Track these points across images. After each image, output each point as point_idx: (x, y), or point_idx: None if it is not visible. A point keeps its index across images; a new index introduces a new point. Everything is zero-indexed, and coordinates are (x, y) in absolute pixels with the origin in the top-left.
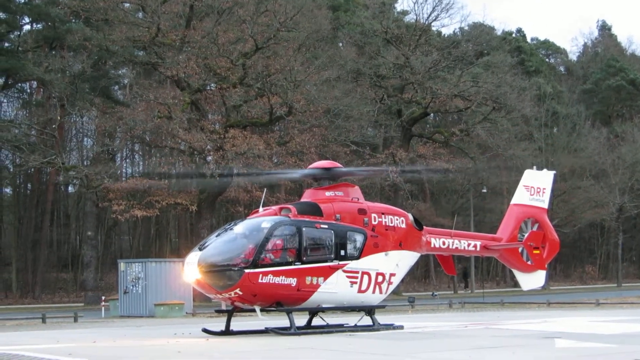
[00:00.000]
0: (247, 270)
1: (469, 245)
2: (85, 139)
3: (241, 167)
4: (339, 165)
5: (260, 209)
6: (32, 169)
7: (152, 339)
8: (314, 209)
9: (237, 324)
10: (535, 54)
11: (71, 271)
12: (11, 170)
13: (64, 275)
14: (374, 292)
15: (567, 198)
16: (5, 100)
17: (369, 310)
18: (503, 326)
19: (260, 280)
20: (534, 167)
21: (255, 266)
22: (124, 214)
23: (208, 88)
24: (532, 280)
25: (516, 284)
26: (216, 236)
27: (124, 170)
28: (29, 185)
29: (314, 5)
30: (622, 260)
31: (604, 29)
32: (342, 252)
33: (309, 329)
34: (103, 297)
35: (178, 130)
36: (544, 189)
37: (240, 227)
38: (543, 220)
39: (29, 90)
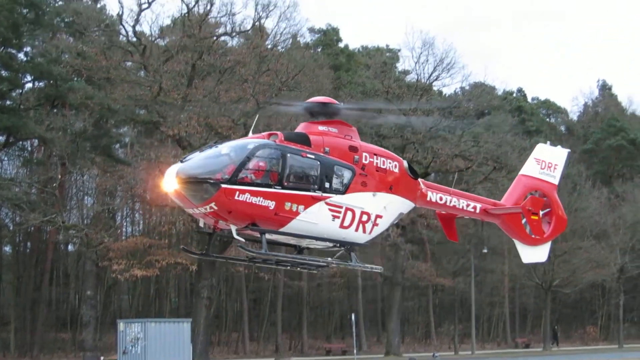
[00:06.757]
0: (223, 186)
1: (467, 205)
2: (86, 197)
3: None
4: (336, 102)
5: (250, 133)
6: (32, 228)
7: None
8: (302, 139)
9: None
10: (536, 113)
11: (70, 331)
12: (11, 228)
13: (63, 335)
14: (357, 230)
15: (568, 258)
16: (6, 159)
17: (349, 247)
18: None
19: (236, 197)
20: (548, 142)
21: (233, 183)
22: (124, 274)
23: None
24: (534, 253)
25: (517, 345)
26: (200, 152)
27: (124, 229)
28: (28, 243)
29: (316, 64)
30: (623, 321)
31: (605, 88)
32: (327, 185)
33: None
34: (102, 358)
35: None
36: (555, 164)
37: (224, 146)
38: (552, 195)
39: (30, 149)
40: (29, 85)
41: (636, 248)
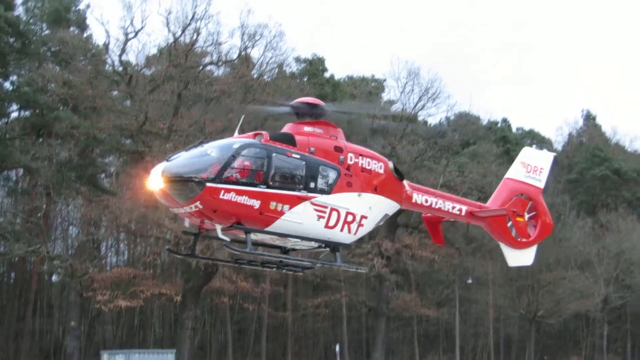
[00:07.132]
0: (208, 184)
1: (453, 208)
2: (71, 227)
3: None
4: (322, 102)
5: (236, 133)
6: (16, 258)
7: None
8: (287, 138)
9: None
10: (521, 143)
11: None
12: None
13: None
14: (342, 230)
15: (552, 288)
16: None
17: (333, 247)
18: None
19: (221, 196)
20: (534, 146)
21: (218, 182)
22: (108, 304)
23: None
24: (519, 257)
25: None
26: (186, 151)
27: (108, 259)
28: (12, 274)
29: (302, 94)
30: (607, 351)
31: (589, 118)
32: (312, 185)
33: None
34: None
35: (164, 219)
36: (541, 168)
37: (210, 145)
38: (537, 199)
39: (15, 178)
40: (15, 114)
41: (620, 278)
